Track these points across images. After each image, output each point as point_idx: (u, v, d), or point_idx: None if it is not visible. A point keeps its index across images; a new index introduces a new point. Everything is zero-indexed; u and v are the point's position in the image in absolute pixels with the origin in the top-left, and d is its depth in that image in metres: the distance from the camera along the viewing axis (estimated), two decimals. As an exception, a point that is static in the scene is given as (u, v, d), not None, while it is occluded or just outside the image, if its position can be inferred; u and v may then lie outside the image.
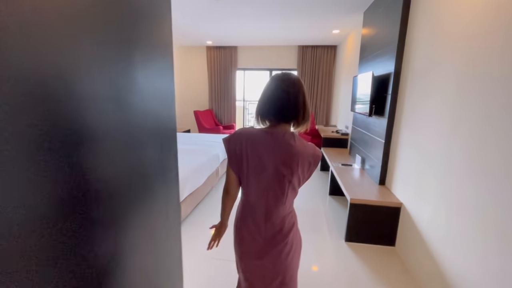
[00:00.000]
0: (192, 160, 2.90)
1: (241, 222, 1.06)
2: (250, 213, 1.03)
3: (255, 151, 0.95)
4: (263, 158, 0.95)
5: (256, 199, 1.01)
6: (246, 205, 1.05)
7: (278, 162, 0.94)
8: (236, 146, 0.98)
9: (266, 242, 1.01)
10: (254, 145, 0.96)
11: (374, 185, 2.53)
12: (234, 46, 6.18)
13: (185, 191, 2.43)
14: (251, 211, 1.03)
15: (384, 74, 2.50)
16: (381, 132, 2.49)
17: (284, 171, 0.95)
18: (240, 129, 1.02)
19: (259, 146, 0.95)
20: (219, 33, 4.99)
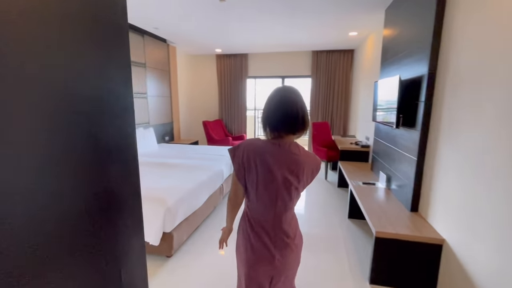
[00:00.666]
0: (190, 178, 2.59)
1: (250, 231, 1.07)
2: (258, 221, 1.06)
3: (264, 161, 0.99)
4: (272, 168, 0.99)
5: (264, 207, 1.04)
6: (254, 214, 1.07)
7: (286, 171, 1.00)
8: (243, 157, 1.00)
9: (277, 247, 1.06)
10: (263, 156, 0.99)
11: (403, 211, 2.08)
12: (244, 54, 5.94)
13: (178, 216, 2.11)
14: (260, 219, 1.06)
15: (413, 78, 2.08)
16: (412, 147, 2.06)
17: (291, 179, 1.01)
18: (247, 140, 1.04)
19: (268, 157, 0.99)
20: (228, 41, 4.76)
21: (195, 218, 2.46)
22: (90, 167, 0.65)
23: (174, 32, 4.23)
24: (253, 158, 0.99)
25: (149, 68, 4.44)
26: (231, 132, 6.31)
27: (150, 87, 4.50)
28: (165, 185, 2.36)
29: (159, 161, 3.20)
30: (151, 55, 4.47)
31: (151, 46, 4.46)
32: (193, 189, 2.40)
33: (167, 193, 2.15)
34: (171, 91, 5.19)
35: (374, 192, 2.52)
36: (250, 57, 6.00)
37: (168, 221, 2.00)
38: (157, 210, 1.98)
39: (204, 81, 6.39)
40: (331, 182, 4.21)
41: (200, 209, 2.55)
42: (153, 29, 4.04)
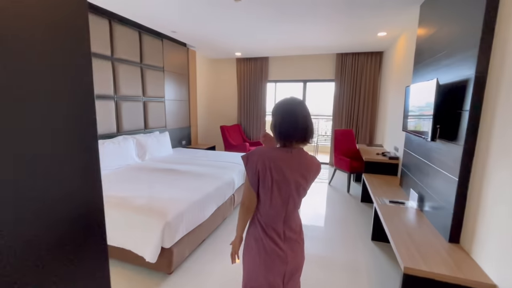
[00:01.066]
0: (197, 188, 2.43)
1: (262, 235, 1.12)
2: (270, 223, 1.12)
3: (279, 168, 1.05)
4: (285, 173, 1.06)
5: (276, 210, 1.10)
6: (265, 218, 1.12)
7: (297, 175, 1.09)
8: (258, 164, 1.05)
9: (287, 244, 1.13)
10: (277, 163, 1.05)
11: (440, 241, 1.74)
12: (264, 57, 5.77)
13: (179, 231, 1.95)
14: (271, 222, 1.12)
15: (455, 82, 1.75)
16: (452, 164, 1.71)
17: (302, 182, 1.11)
18: (261, 149, 1.09)
19: (282, 163, 1.06)
20: (248, 44, 4.61)
21: (200, 231, 2.29)
22: None
23: (192, 35, 4.16)
24: (268, 165, 1.05)
25: (168, 72, 4.42)
26: (249, 137, 6.14)
27: (168, 91, 4.48)
28: (168, 195, 2.22)
29: (169, 167, 3.09)
30: (169, 59, 4.45)
31: (170, 50, 4.44)
32: (199, 201, 2.23)
33: (169, 205, 2.01)
34: (189, 95, 5.15)
35: (403, 213, 2.17)
36: (270, 60, 5.81)
37: (168, 236, 1.85)
38: (154, 224, 1.84)
39: (223, 85, 6.31)
40: (354, 196, 3.85)
41: (206, 222, 2.37)
42: (171, 33, 4.01)
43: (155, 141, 3.76)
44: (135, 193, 2.23)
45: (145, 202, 2.05)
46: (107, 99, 3.29)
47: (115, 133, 3.45)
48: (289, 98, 1.11)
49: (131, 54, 3.61)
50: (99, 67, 3.14)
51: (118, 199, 2.11)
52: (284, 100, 1.11)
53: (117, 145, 3.13)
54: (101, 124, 3.22)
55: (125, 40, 3.48)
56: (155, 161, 3.48)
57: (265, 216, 1.11)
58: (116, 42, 3.35)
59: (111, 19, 3.26)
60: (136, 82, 3.74)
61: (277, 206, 1.09)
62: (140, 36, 3.75)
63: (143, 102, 3.92)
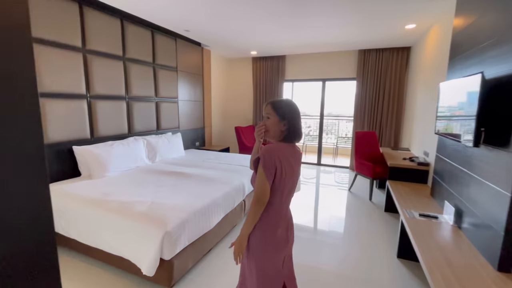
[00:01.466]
0: (204, 194, 2.27)
1: (275, 227, 1.22)
2: (280, 215, 1.23)
3: (288, 161, 1.18)
4: (293, 166, 1.20)
5: (284, 201, 1.23)
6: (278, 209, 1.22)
7: (298, 166, 1.26)
8: (275, 159, 1.13)
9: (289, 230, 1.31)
10: (288, 158, 1.18)
11: (485, 268, 1.43)
12: (281, 56, 5.55)
13: (181, 242, 1.79)
14: (281, 213, 1.24)
15: (507, 76, 1.44)
16: (503, 176, 1.40)
17: (299, 171, 1.29)
18: (275, 145, 1.17)
19: (291, 159, 1.20)
20: (264, 42, 4.42)
21: (205, 241, 2.12)
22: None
23: (206, 34, 4.05)
24: (279, 160, 1.14)
25: (181, 72, 4.34)
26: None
27: (182, 91, 4.40)
28: (172, 201, 2.08)
29: (178, 170, 2.97)
30: (183, 58, 4.37)
31: (184, 50, 4.36)
32: (204, 208, 2.07)
33: (170, 213, 1.86)
34: (203, 96, 5.05)
35: (436, 230, 1.87)
36: (287, 59, 5.58)
37: (167, 247, 1.70)
38: (153, 234, 1.69)
39: (238, 85, 6.17)
40: (377, 204, 3.52)
41: (212, 231, 2.21)
42: (184, 32, 3.92)
43: (166, 143, 3.67)
44: (138, 198, 2.11)
45: (145, 209, 1.92)
46: (118, 100, 3.25)
47: (126, 134, 3.40)
48: (292, 101, 1.26)
49: (143, 54, 3.55)
50: (111, 67, 3.10)
51: (119, 204, 2.00)
52: (290, 102, 1.25)
53: (126, 146, 3.06)
54: (112, 125, 3.18)
55: (137, 40, 3.42)
56: (165, 163, 3.39)
57: (277, 206, 1.20)
58: (128, 42, 3.30)
59: (123, 18, 3.22)
60: (148, 82, 3.68)
61: (285, 197, 1.23)
62: (152, 36, 3.69)
63: (156, 102, 3.85)
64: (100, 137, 3.04)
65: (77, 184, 2.45)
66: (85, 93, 2.84)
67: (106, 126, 3.10)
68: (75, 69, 2.72)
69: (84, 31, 2.78)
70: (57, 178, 2.63)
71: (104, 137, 3.09)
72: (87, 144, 2.85)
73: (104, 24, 2.98)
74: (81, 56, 2.77)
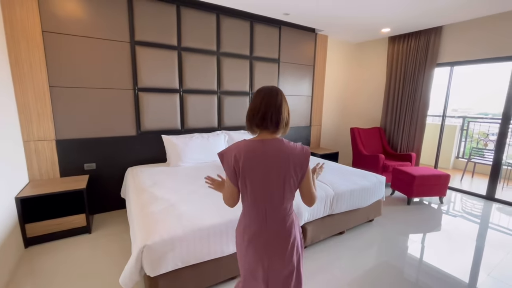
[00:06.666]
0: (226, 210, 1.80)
1: (243, 234, 1.08)
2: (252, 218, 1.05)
3: (254, 159, 0.98)
4: (262, 165, 0.99)
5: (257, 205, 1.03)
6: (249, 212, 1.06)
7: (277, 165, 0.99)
8: (231, 160, 1.00)
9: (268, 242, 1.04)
10: (249, 153, 0.99)
11: None
12: (433, 28, 3.78)
13: (168, 261, 1.45)
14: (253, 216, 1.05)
15: None
16: None
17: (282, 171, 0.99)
18: (234, 143, 1.04)
19: (257, 153, 0.99)
20: (403, 8, 3.12)
21: (216, 268, 1.68)
22: None
23: (312, 15, 3.37)
24: (242, 158, 0.99)
25: (284, 64, 3.93)
26: (394, 147, 4.39)
27: (283, 85, 3.99)
28: (189, 208, 1.77)
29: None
30: (288, 48, 3.92)
31: (290, 39, 3.90)
32: (213, 228, 1.61)
33: (168, 224, 1.56)
34: (313, 90, 4.38)
35: None
36: (446, 31, 3.74)
37: (148, 262, 1.42)
38: (136, 242, 1.47)
39: (365, 76, 4.91)
40: None
41: (230, 258, 1.71)
42: (283, 16, 3.45)
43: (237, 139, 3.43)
44: (167, 195, 1.99)
45: (156, 210, 1.74)
46: (210, 94, 3.34)
47: (216, 128, 3.48)
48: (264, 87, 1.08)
49: (239, 47, 3.45)
50: (204, 62, 3.22)
51: (148, 198, 1.95)
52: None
53: (206, 139, 3.10)
54: (202, 118, 3.32)
55: (233, 33, 3.36)
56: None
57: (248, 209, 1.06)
58: (223, 36, 3.29)
59: (220, 12, 3.23)
60: (243, 76, 3.57)
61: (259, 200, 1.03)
62: (251, 27, 3.52)
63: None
64: (190, 129, 3.27)
65: (152, 169, 2.70)
66: (178, 88, 3.11)
67: (196, 118, 3.28)
68: (170, 66, 3.01)
69: (180, 29, 3.01)
70: (150, 161, 3.05)
71: (194, 129, 3.29)
72: (178, 134, 3.12)
73: (199, 21, 3.11)
74: (176, 54, 3.03)
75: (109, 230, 2.51)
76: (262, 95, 1.02)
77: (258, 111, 1.01)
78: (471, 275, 2.01)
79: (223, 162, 1.03)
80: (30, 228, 2.17)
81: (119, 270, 1.80)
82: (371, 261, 2.15)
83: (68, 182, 2.44)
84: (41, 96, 2.42)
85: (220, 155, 1.04)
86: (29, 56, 2.32)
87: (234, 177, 1.01)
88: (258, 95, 1.04)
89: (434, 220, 2.96)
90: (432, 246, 2.41)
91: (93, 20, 2.54)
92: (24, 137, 2.39)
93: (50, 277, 1.83)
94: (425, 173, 3.28)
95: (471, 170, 4.71)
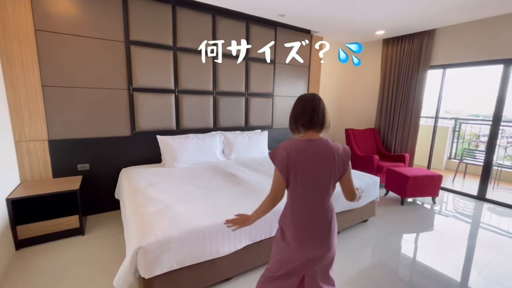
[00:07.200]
0: (223, 209, 1.79)
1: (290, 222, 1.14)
2: (299, 211, 1.13)
3: (305, 156, 1.08)
4: (311, 161, 1.08)
5: (304, 199, 1.11)
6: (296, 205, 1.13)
7: (324, 162, 1.09)
8: (283, 155, 1.08)
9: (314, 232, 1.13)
10: (300, 151, 1.08)
11: None
12: (426, 31, 3.85)
13: (164, 262, 1.44)
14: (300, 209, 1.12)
15: None
16: None
17: (328, 168, 1.09)
18: (284, 142, 1.12)
19: (307, 152, 1.08)
20: (396, 12, 3.17)
21: (212, 268, 1.67)
22: None
23: (307, 16, 3.40)
24: (294, 156, 1.08)
25: (280, 65, 3.94)
26: (388, 148, 4.45)
27: (279, 86, 4.00)
28: (185, 209, 1.77)
29: (236, 172, 2.64)
30: (284, 49, 3.93)
31: (286, 40, 3.92)
32: (208, 228, 1.61)
33: (163, 224, 1.56)
34: (308, 91, 4.40)
35: None
36: (439, 34, 3.81)
37: (143, 264, 1.41)
38: (130, 244, 1.46)
39: (359, 77, 4.96)
40: None
41: (227, 259, 1.71)
42: (278, 17, 3.46)
43: (245, 140, 3.44)
44: (163, 197, 1.97)
45: (152, 211, 1.73)
46: (205, 94, 3.34)
47: (212, 128, 3.47)
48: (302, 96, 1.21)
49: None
50: (199, 62, 3.20)
51: (143, 199, 1.94)
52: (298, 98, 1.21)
53: (201, 140, 3.09)
54: (197, 118, 3.31)
55: (228, 34, 3.35)
56: (236, 162, 3.16)
57: (294, 204, 1.14)
58: (219, 36, 3.29)
59: (216, 13, 3.23)
60: (238, 77, 3.57)
61: (305, 195, 1.11)
62: (247, 28, 3.52)
63: (245, 98, 3.70)
64: (185, 129, 3.25)
65: (147, 170, 2.68)
66: (173, 88, 3.10)
67: (191, 119, 3.27)
68: (166, 66, 2.99)
69: (175, 30, 3.00)
70: (144, 162, 3.02)
71: (189, 129, 3.28)
72: (173, 135, 3.10)
73: (195, 21, 3.10)
74: (172, 54, 3.02)
75: (103, 231, 2.48)
76: (309, 100, 1.15)
77: (304, 113, 1.12)
78: (463, 274, 2.05)
79: (275, 158, 1.11)
80: (22, 230, 2.13)
81: (113, 272, 1.78)
82: (366, 260, 2.17)
83: (61, 183, 2.40)
84: (34, 95, 2.38)
85: (271, 153, 1.14)
86: (21, 55, 2.28)
87: (286, 171, 1.09)
88: (304, 100, 1.16)
89: (427, 220, 3.01)
90: (425, 246, 2.45)
91: (87, 19, 2.51)
92: (16, 137, 2.35)
93: (41, 280, 1.80)
94: (418, 173, 3.32)
95: (463, 170, 4.79)
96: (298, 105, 1.16)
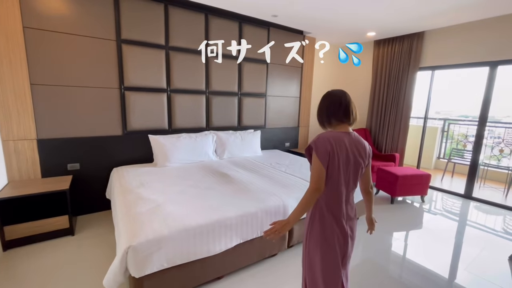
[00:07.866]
0: (214, 209, 1.80)
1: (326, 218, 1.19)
2: (332, 203, 1.19)
3: (342, 147, 1.13)
4: (350, 153, 1.15)
5: (339, 188, 1.17)
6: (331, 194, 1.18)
7: (357, 154, 1.17)
8: (327, 146, 1.11)
9: (348, 225, 1.23)
10: (339, 142, 1.13)
11: None
12: (416, 34, 3.93)
13: (154, 261, 1.44)
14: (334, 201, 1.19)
15: None
16: None
17: (360, 160, 1.18)
18: (322, 133, 1.17)
19: (344, 143, 1.14)
20: (387, 14, 3.22)
21: (203, 267, 1.68)
22: None
23: (300, 16, 3.43)
24: (334, 146, 1.12)
25: (273, 65, 3.97)
26: (379, 148, 4.52)
27: (272, 86, 4.03)
28: (175, 209, 1.77)
29: (228, 172, 2.65)
30: (277, 50, 3.95)
31: (279, 40, 3.94)
32: (200, 228, 1.61)
33: (154, 224, 1.55)
34: (301, 91, 4.44)
35: None
36: (428, 36, 3.90)
37: (133, 263, 1.40)
38: (120, 243, 1.45)
39: (351, 78, 5.02)
40: None
41: (218, 258, 1.72)
42: (271, 18, 3.49)
43: (238, 140, 3.45)
44: (154, 196, 1.97)
45: (143, 211, 1.72)
46: (198, 94, 3.33)
47: (204, 128, 3.46)
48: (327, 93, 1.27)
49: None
50: (192, 62, 3.19)
51: (134, 199, 1.93)
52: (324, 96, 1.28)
53: (193, 140, 3.08)
54: (190, 118, 3.30)
55: (221, 34, 3.35)
56: (229, 161, 3.17)
57: (331, 194, 1.17)
58: (212, 36, 3.28)
59: (208, 12, 3.23)
60: (231, 76, 3.57)
61: (341, 185, 1.17)
62: (240, 28, 3.53)
63: (238, 98, 3.70)
64: (177, 129, 3.24)
65: (139, 170, 2.66)
66: (165, 87, 3.08)
67: (183, 118, 3.26)
68: (158, 65, 2.98)
69: (168, 29, 2.99)
70: (136, 161, 3.00)
71: (182, 129, 3.26)
72: (165, 134, 3.09)
73: (187, 21, 3.09)
74: (164, 53, 3.01)
75: (93, 231, 2.45)
76: (342, 95, 1.20)
77: (340, 107, 1.17)
78: (451, 270, 2.10)
79: (317, 148, 1.12)
80: (9, 231, 2.09)
81: (103, 272, 1.76)
82: (356, 258, 2.21)
83: (50, 183, 2.36)
84: (21, 94, 2.34)
85: (313, 143, 1.14)
86: (8, 53, 2.24)
87: (327, 160, 1.11)
88: (338, 95, 1.21)
89: (416, 218, 3.07)
90: (414, 244, 2.50)
91: (77, 16, 2.48)
92: (3, 136, 2.30)
93: (29, 281, 1.77)
94: (408, 173, 3.39)
95: (451, 170, 4.90)
96: (333, 100, 1.20)
